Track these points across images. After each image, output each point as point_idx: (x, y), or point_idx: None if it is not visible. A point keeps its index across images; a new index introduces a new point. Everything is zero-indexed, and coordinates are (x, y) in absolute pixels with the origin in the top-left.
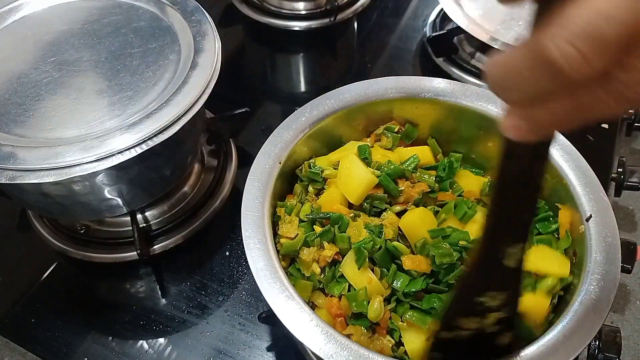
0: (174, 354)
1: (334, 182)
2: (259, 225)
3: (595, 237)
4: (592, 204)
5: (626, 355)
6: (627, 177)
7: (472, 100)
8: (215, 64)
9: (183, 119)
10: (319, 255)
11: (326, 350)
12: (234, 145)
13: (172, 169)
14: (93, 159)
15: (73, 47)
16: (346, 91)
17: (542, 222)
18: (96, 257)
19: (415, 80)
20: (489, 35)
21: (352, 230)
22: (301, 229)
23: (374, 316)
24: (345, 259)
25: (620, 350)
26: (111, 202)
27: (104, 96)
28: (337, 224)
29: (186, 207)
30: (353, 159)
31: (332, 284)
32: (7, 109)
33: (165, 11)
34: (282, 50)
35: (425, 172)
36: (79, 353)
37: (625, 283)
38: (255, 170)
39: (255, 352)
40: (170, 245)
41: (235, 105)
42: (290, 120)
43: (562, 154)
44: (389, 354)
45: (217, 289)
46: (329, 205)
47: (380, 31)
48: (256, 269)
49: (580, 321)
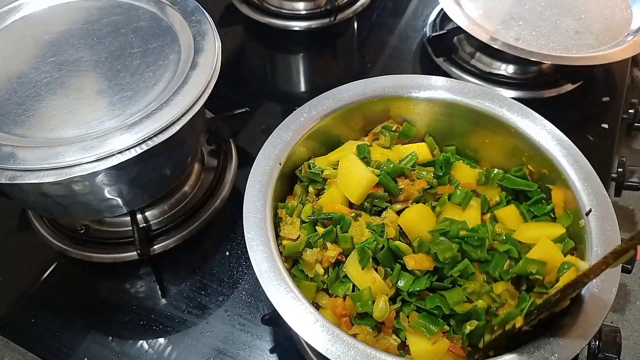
0: (174, 354)
1: (334, 182)
2: (262, 227)
3: (595, 231)
4: (592, 198)
5: (626, 355)
6: (627, 177)
7: (470, 97)
8: (215, 64)
9: (183, 119)
10: (322, 256)
11: (333, 350)
12: (234, 145)
13: (172, 169)
14: (93, 159)
15: (73, 47)
16: (344, 91)
17: (536, 205)
18: (96, 257)
19: (412, 78)
20: (489, 35)
21: (355, 230)
22: (303, 231)
23: (379, 315)
24: (348, 260)
25: (620, 350)
26: (111, 202)
27: (104, 96)
28: (339, 224)
29: (186, 207)
30: (352, 159)
31: (336, 285)
32: (7, 109)
33: (165, 11)
34: (282, 50)
35: (424, 168)
36: (79, 353)
37: (625, 283)
38: (256, 172)
39: (256, 352)
40: (170, 245)
41: (235, 105)
42: (289, 121)
43: (561, 149)
44: (395, 353)
45: (217, 289)
46: (330, 206)
47: (380, 31)
48: (260, 271)
49: (580, 321)
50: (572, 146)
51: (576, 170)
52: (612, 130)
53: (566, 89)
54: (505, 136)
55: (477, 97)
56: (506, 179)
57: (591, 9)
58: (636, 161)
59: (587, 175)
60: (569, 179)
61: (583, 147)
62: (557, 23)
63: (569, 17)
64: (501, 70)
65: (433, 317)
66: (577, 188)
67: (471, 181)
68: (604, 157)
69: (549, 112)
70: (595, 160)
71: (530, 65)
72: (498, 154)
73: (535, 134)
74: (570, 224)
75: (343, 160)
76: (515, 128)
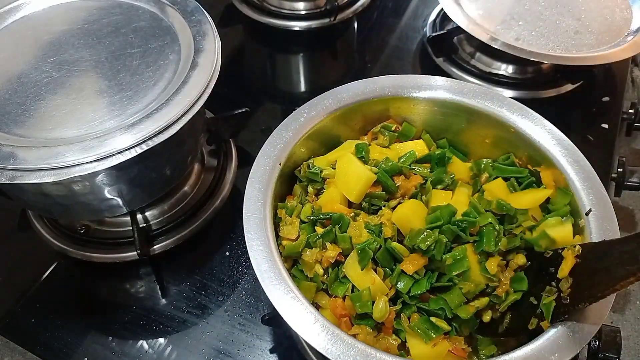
0: (174, 354)
1: (333, 182)
2: (261, 227)
3: (595, 231)
4: (591, 197)
5: (626, 355)
6: (627, 177)
7: (470, 98)
8: (215, 64)
9: (183, 119)
10: (321, 257)
11: (333, 350)
12: (234, 145)
13: (172, 169)
14: (93, 159)
15: (73, 47)
16: (344, 91)
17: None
18: (96, 257)
19: (412, 78)
20: (489, 35)
21: (353, 230)
22: (303, 231)
23: (379, 316)
24: (347, 260)
25: (620, 350)
26: (111, 202)
27: (104, 96)
28: (338, 224)
29: (186, 207)
30: (350, 158)
31: (335, 285)
32: (7, 109)
33: (165, 11)
34: (282, 50)
35: (420, 165)
36: (79, 353)
37: None
38: (256, 172)
39: (256, 352)
40: (170, 245)
41: (235, 105)
42: (289, 121)
43: (560, 149)
44: (395, 353)
45: (217, 289)
46: (329, 205)
47: (380, 31)
48: (260, 271)
49: (580, 321)
50: (572, 146)
51: (576, 170)
52: (612, 130)
53: (566, 89)
54: (504, 136)
55: (477, 97)
56: (496, 168)
57: (591, 9)
58: (636, 161)
59: (587, 175)
60: (569, 179)
61: (583, 147)
62: (557, 23)
63: (569, 17)
64: (501, 70)
65: (433, 323)
66: (577, 188)
67: (465, 176)
68: (604, 157)
69: (549, 112)
70: (595, 160)
71: (530, 65)
72: (497, 153)
73: (535, 134)
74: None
75: (340, 160)
76: (515, 128)
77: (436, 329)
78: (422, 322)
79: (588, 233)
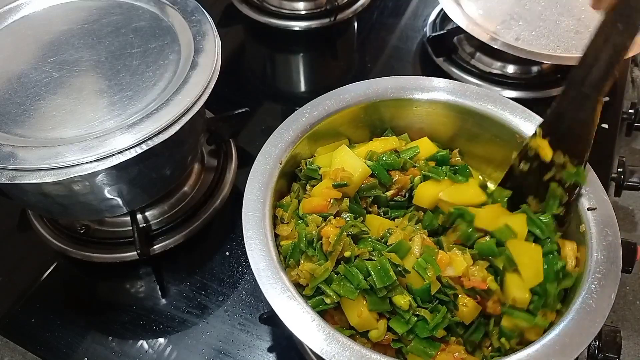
0: (174, 354)
1: (327, 174)
2: (260, 226)
3: (595, 237)
4: (592, 202)
5: (626, 355)
6: (627, 177)
7: (472, 100)
8: (215, 64)
9: (183, 119)
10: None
11: (328, 350)
12: (234, 145)
13: (172, 169)
14: (93, 159)
15: (73, 47)
16: (346, 91)
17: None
18: (96, 257)
19: (414, 80)
20: (489, 35)
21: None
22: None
23: (376, 337)
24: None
25: (620, 350)
26: (111, 202)
27: (104, 96)
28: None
29: (186, 207)
30: (346, 151)
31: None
32: (7, 109)
33: (165, 11)
34: (282, 50)
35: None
36: (79, 353)
37: (625, 283)
38: (256, 171)
39: (255, 352)
40: (170, 245)
41: (235, 105)
42: (290, 121)
43: None
44: (392, 355)
45: (217, 289)
46: (325, 193)
47: (380, 31)
48: (257, 270)
49: (580, 321)
50: None
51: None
52: (612, 130)
53: None
54: (505, 136)
55: (480, 99)
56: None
57: (591, 8)
58: (636, 161)
59: (588, 178)
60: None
61: None
62: (557, 23)
63: (569, 17)
64: (501, 70)
65: (429, 340)
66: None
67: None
68: (604, 157)
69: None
70: (595, 160)
71: (530, 65)
72: (496, 153)
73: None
74: (569, 227)
75: (336, 153)
76: (517, 131)
77: (434, 345)
78: (418, 343)
79: (588, 238)
